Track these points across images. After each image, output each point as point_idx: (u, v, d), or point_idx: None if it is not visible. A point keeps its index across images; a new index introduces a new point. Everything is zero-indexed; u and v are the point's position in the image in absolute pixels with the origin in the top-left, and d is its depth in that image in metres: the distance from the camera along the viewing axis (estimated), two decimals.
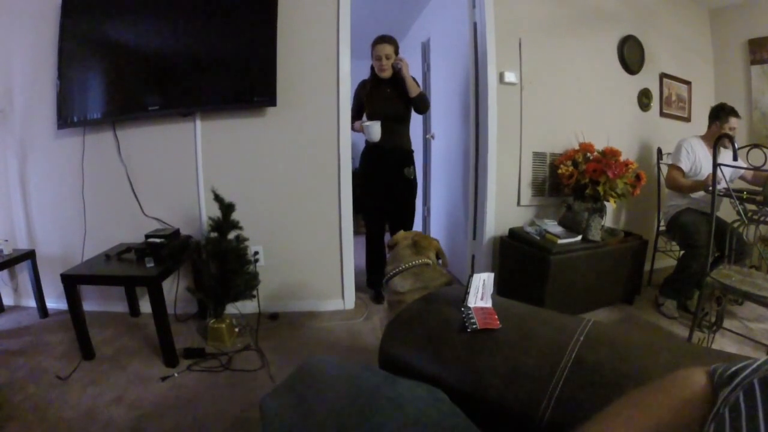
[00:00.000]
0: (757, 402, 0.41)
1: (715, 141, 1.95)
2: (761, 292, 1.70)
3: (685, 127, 3.33)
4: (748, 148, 2.21)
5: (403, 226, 2.56)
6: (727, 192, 1.98)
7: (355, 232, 2.58)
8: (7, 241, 2.25)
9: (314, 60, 2.34)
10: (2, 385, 1.69)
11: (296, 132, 2.38)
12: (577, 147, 2.62)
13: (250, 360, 1.93)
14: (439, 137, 3.50)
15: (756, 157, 1.87)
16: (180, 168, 2.36)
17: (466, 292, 0.94)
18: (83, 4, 2.21)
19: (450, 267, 3.20)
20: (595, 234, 2.43)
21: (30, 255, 2.31)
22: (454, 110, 3.07)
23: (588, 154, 2.54)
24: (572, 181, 2.52)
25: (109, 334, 2.15)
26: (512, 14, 2.57)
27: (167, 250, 2.01)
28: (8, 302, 2.54)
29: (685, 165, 2.50)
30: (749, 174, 2.48)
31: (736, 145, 1.94)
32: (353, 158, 2.58)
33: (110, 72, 2.26)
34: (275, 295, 2.46)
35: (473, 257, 2.89)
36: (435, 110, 3.62)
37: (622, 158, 2.46)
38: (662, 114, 3.23)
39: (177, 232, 2.23)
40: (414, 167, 2.71)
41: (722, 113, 2.50)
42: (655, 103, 3.18)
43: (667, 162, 3.08)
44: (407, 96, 2.51)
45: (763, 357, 0.48)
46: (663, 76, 3.20)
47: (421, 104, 2.57)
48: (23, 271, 2.42)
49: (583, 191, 2.47)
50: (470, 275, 0.97)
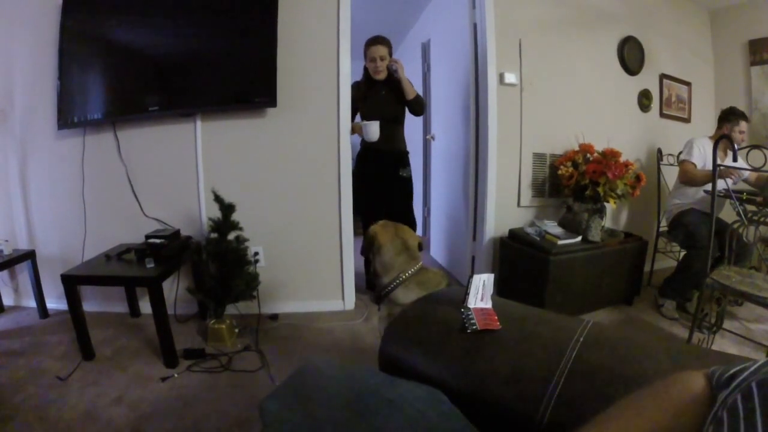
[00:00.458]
0: (755, 405, 0.41)
1: (716, 142, 1.95)
2: (761, 293, 1.70)
3: (685, 128, 3.33)
4: (748, 149, 2.21)
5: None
6: (727, 193, 1.98)
7: (355, 233, 2.57)
8: (8, 242, 2.25)
9: (314, 61, 2.34)
10: (2, 386, 1.69)
11: (296, 132, 2.38)
12: (577, 148, 2.63)
13: (250, 361, 1.93)
14: (439, 138, 3.50)
15: (756, 158, 1.88)
16: (180, 168, 2.36)
17: (466, 293, 0.94)
18: (84, 4, 2.21)
19: (450, 268, 3.22)
20: (595, 235, 2.43)
21: (30, 255, 2.31)
22: (454, 111, 3.07)
23: (588, 155, 2.54)
24: (572, 182, 2.52)
25: (109, 335, 2.15)
26: (512, 15, 2.58)
27: (167, 251, 2.01)
28: (8, 302, 2.54)
29: (698, 161, 2.49)
30: (753, 175, 2.49)
31: (736, 147, 1.94)
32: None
33: (110, 72, 2.26)
34: (275, 296, 2.46)
35: (473, 258, 2.89)
36: (435, 111, 3.63)
37: (622, 159, 2.47)
38: (662, 115, 3.23)
39: (177, 233, 2.23)
40: (410, 167, 2.72)
41: (733, 116, 2.51)
42: (655, 104, 3.18)
43: (669, 163, 3.07)
44: (402, 97, 2.52)
45: (763, 359, 0.48)
46: (663, 77, 3.20)
47: (418, 106, 2.57)
48: (23, 272, 2.42)
49: (583, 192, 2.47)
50: (470, 276, 0.97)
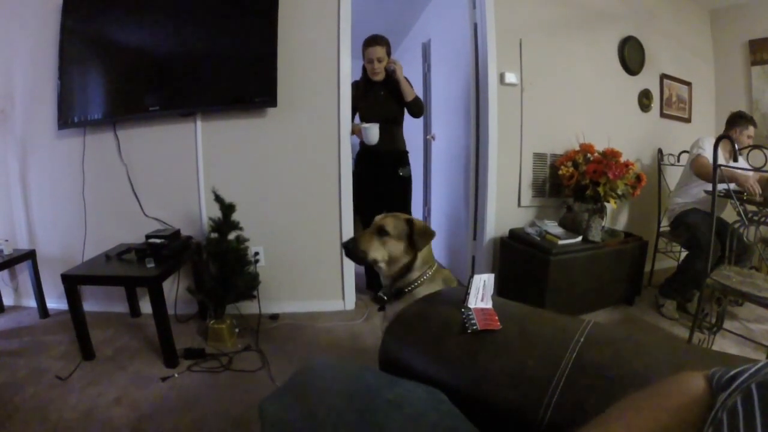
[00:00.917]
0: (755, 406, 0.41)
1: (716, 141, 1.95)
2: (761, 293, 1.70)
3: (686, 128, 3.33)
4: (749, 149, 2.21)
5: None
6: (728, 193, 1.98)
7: (355, 233, 2.57)
8: (8, 241, 2.25)
9: (315, 60, 2.34)
10: (2, 385, 1.69)
11: (297, 132, 2.38)
12: (578, 148, 2.62)
13: (251, 360, 1.93)
14: (440, 138, 3.50)
15: (756, 158, 1.87)
16: (180, 168, 2.36)
17: (467, 293, 0.94)
18: (84, 4, 2.21)
19: (450, 268, 3.22)
20: (596, 235, 2.43)
21: (30, 255, 2.31)
22: (455, 111, 3.07)
23: (588, 155, 2.54)
24: (573, 182, 2.52)
25: (110, 335, 2.15)
26: (513, 15, 2.58)
27: (168, 251, 2.01)
28: (8, 302, 2.54)
29: (711, 156, 2.48)
30: (756, 176, 2.48)
31: (737, 147, 1.94)
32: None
33: (111, 72, 2.26)
34: (275, 296, 2.46)
35: (473, 258, 2.89)
36: (435, 111, 3.63)
37: (623, 159, 2.46)
38: (662, 115, 3.23)
39: (177, 233, 2.23)
40: (409, 167, 2.71)
41: (742, 120, 2.50)
42: (656, 104, 3.18)
43: (669, 163, 3.07)
44: (401, 98, 2.51)
45: (763, 360, 0.48)
46: (663, 77, 3.20)
47: (416, 108, 2.56)
48: (23, 271, 2.42)
49: (584, 192, 2.47)
50: (470, 276, 0.97)
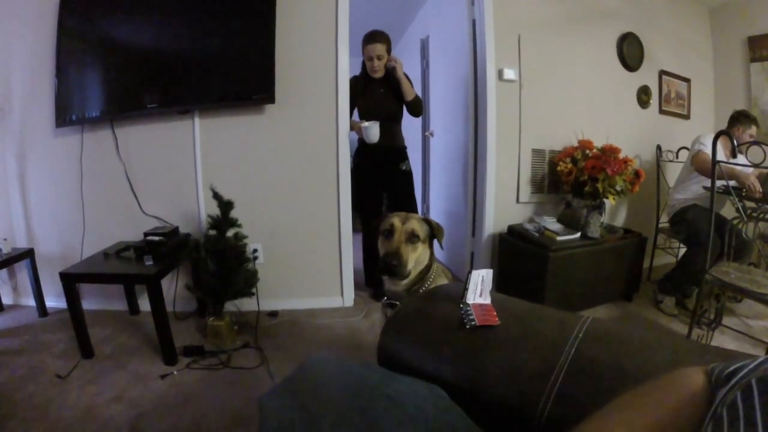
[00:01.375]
0: (755, 402, 0.41)
1: (715, 136, 1.95)
2: (760, 289, 1.71)
3: (685, 125, 3.33)
4: (747, 146, 2.20)
5: None
6: (727, 189, 1.98)
7: (354, 230, 2.57)
8: (6, 240, 2.24)
9: (313, 57, 2.33)
10: (2, 384, 1.69)
11: (295, 129, 2.37)
12: (576, 144, 2.62)
13: (250, 358, 1.93)
14: (438, 134, 3.49)
15: (755, 155, 1.87)
16: (179, 166, 2.35)
17: (465, 289, 0.94)
18: (81, 2, 2.19)
19: (449, 264, 3.22)
20: (594, 231, 2.43)
21: (29, 254, 2.31)
22: (454, 107, 3.06)
23: (587, 152, 2.54)
24: (571, 178, 2.52)
25: (109, 333, 2.15)
26: (511, 11, 2.57)
27: (166, 248, 2.01)
28: (7, 301, 2.53)
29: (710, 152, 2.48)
30: (756, 172, 2.48)
31: (736, 143, 1.94)
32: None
33: (108, 70, 2.25)
34: (274, 293, 2.46)
35: (472, 254, 2.90)
36: (434, 107, 3.62)
37: (621, 155, 2.46)
38: (661, 111, 3.23)
39: (176, 230, 2.23)
40: (408, 161, 2.67)
41: (746, 119, 2.49)
42: (655, 101, 3.18)
43: (668, 159, 3.07)
44: (401, 96, 2.49)
45: (762, 355, 0.48)
46: (662, 74, 3.19)
47: (416, 108, 2.54)
48: (22, 270, 2.41)
49: (582, 188, 2.47)
50: (469, 272, 0.97)
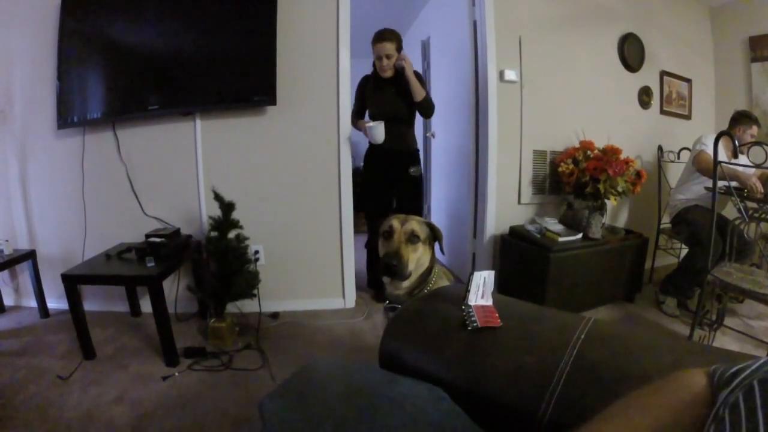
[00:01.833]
0: (757, 403, 0.41)
1: (717, 137, 1.95)
2: (762, 290, 1.70)
3: (686, 125, 3.33)
4: (749, 146, 2.20)
5: None
6: (728, 190, 1.98)
7: (356, 231, 2.57)
8: (8, 242, 2.25)
9: (314, 59, 2.34)
10: (3, 385, 1.69)
11: (296, 131, 2.37)
12: (578, 145, 2.62)
13: (251, 359, 1.93)
14: (440, 135, 3.49)
15: (757, 155, 1.87)
16: (180, 167, 2.36)
17: (467, 290, 0.94)
18: (83, 4, 2.20)
19: (451, 265, 3.22)
20: (596, 232, 2.43)
21: (30, 255, 2.31)
22: (455, 109, 3.06)
23: (588, 152, 2.53)
24: (573, 179, 2.52)
25: (110, 334, 2.15)
26: (512, 12, 2.57)
27: (167, 250, 2.01)
28: (9, 302, 2.54)
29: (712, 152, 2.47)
30: (758, 172, 2.47)
31: (737, 143, 1.94)
32: (355, 157, 2.57)
33: (110, 71, 2.26)
34: (276, 294, 2.46)
35: (474, 255, 2.89)
36: (435, 109, 3.61)
37: (623, 156, 2.46)
38: (663, 112, 3.22)
39: (177, 232, 2.23)
40: (419, 166, 2.60)
41: (747, 120, 2.49)
42: (656, 101, 3.17)
43: (670, 160, 3.07)
44: (411, 96, 2.38)
45: (764, 357, 0.48)
46: (663, 74, 3.19)
47: (426, 109, 2.43)
48: (24, 272, 2.42)
49: (584, 189, 2.46)
50: (471, 273, 0.97)
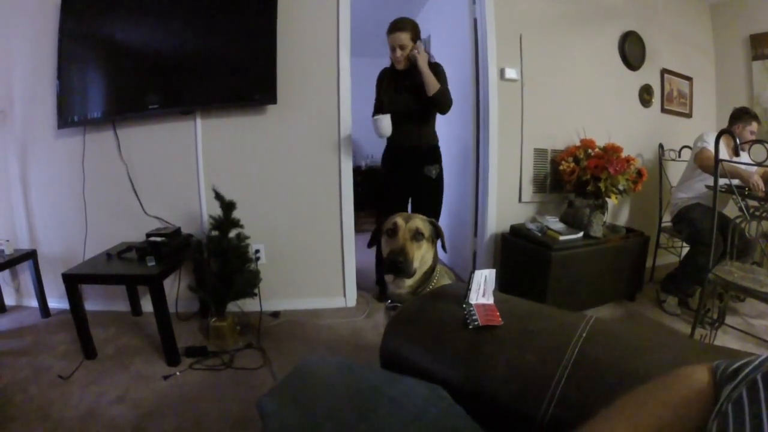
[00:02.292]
0: (761, 398, 0.41)
1: (718, 135, 1.94)
2: (763, 289, 1.70)
3: (687, 123, 3.32)
4: (750, 144, 2.20)
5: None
6: (729, 188, 1.98)
7: (357, 230, 2.57)
8: (9, 241, 2.25)
9: (314, 57, 2.34)
10: (4, 385, 1.69)
11: (297, 129, 2.37)
12: (579, 143, 2.62)
13: (252, 358, 1.93)
14: (440, 134, 3.48)
15: (758, 153, 1.87)
16: (181, 166, 2.36)
17: (468, 289, 0.94)
18: (83, 3, 2.20)
19: (451, 264, 3.22)
20: (597, 230, 2.42)
21: (31, 255, 2.31)
22: (455, 107, 3.03)
23: (589, 151, 2.53)
24: (573, 178, 2.52)
25: (111, 334, 2.15)
26: (512, 10, 2.56)
27: (168, 249, 2.01)
28: (10, 302, 2.54)
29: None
30: (759, 170, 2.47)
31: (738, 141, 1.93)
32: (356, 155, 2.56)
33: (110, 71, 2.25)
34: (277, 294, 2.46)
35: (475, 254, 2.89)
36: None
37: (624, 154, 2.46)
38: (663, 110, 3.22)
39: (178, 231, 2.23)
40: (439, 165, 2.42)
41: (746, 116, 2.49)
42: (657, 99, 3.17)
43: (671, 158, 3.07)
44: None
45: (766, 353, 0.48)
46: (664, 72, 3.18)
47: (441, 104, 2.24)
48: (25, 271, 2.42)
49: (585, 187, 2.46)
50: (472, 272, 0.97)
